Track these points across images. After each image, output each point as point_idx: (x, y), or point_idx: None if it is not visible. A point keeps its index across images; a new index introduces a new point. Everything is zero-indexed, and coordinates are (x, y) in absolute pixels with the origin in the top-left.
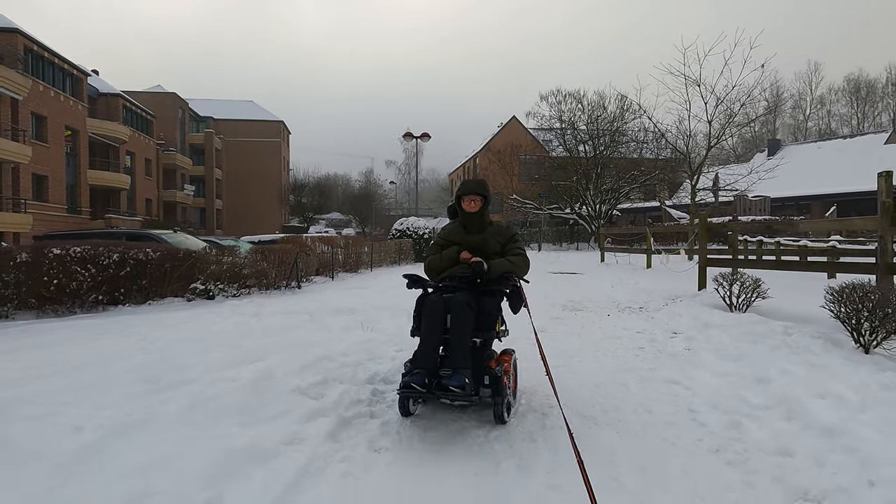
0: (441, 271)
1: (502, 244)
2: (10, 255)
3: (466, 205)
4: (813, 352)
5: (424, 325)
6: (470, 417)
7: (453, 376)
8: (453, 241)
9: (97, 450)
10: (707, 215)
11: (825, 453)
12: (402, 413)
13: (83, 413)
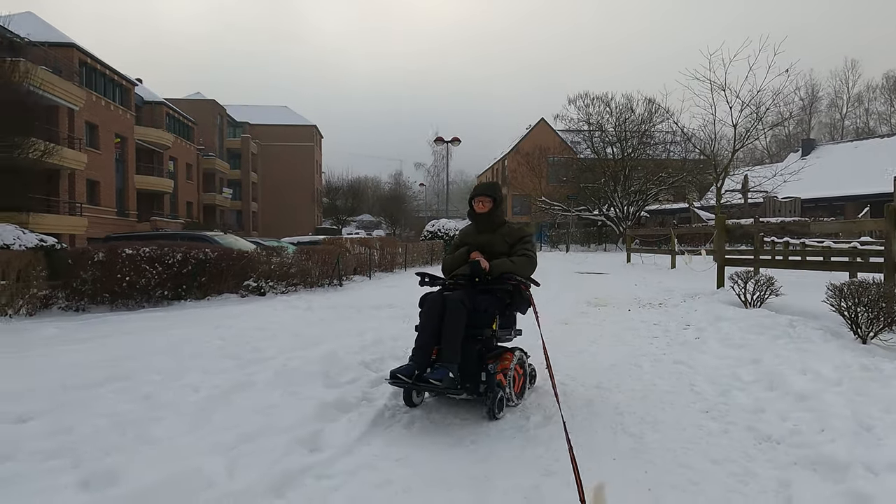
0: (451, 270)
1: (511, 245)
2: (89, 255)
3: (477, 206)
4: (811, 341)
5: (421, 321)
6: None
7: (437, 370)
8: (466, 242)
9: (219, 400)
10: (725, 217)
11: (791, 412)
12: (406, 403)
13: (195, 379)
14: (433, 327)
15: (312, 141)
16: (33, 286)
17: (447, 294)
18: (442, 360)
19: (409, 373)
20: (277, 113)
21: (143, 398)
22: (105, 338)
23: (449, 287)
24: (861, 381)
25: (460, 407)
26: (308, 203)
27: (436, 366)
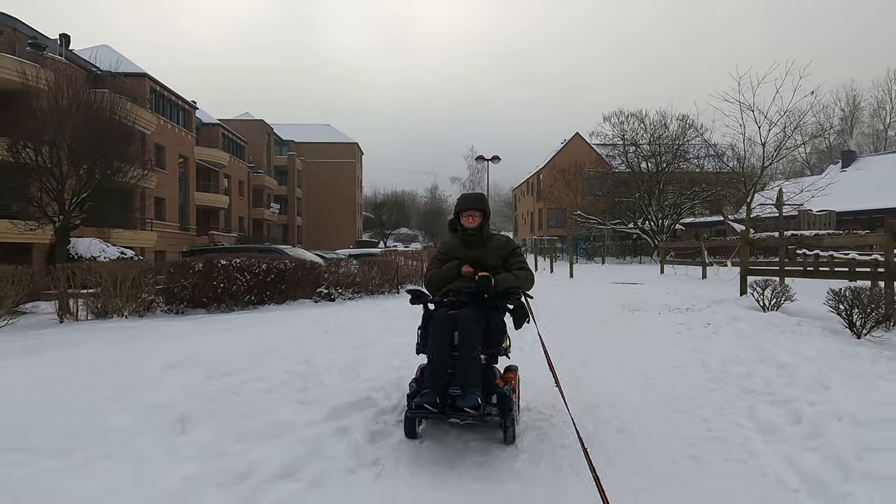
0: (441, 286)
1: (504, 258)
2: (189, 266)
3: (465, 220)
4: (810, 335)
5: (432, 342)
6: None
7: (466, 396)
8: (454, 256)
9: (354, 365)
10: (748, 232)
11: (771, 377)
12: (407, 435)
13: (327, 354)
14: (447, 349)
15: (354, 157)
16: (144, 291)
17: (457, 313)
18: (461, 385)
19: (433, 401)
20: (321, 131)
21: (304, 362)
22: (235, 330)
23: (447, 305)
24: (834, 359)
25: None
26: (349, 217)
27: (454, 391)
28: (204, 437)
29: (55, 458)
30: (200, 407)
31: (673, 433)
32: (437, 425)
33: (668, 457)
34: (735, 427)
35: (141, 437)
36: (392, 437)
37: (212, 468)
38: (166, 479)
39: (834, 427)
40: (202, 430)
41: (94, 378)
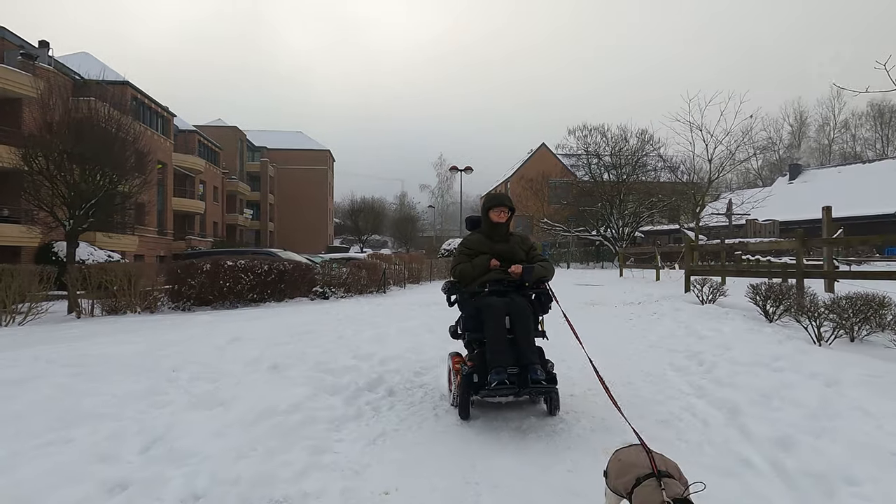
0: (474, 279)
1: (526, 251)
2: (197, 267)
3: (496, 216)
4: (732, 319)
5: (493, 327)
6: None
7: (535, 370)
8: (481, 251)
9: (380, 337)
10: (691, 238)
11: (693, 343)
12: (462, 416)
13: (353, 332)
14: (504, 331)
15: (326, 164)
16: (155, 290)
17: (509, 300)
18: (526, 362)
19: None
20: (292, 138)
21: (338, 338)
22: (258, 319)
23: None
24: (742, 333)
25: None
26: (321, 222)
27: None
28: (300, 374)
29: (210, 383)
30: (282, 361)
31: (620, 374)
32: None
33: (616, 386)
34: (659, 369)
35: (254, 375)
36: (435, 370)
37: (320, 386)
38: (293, 392)
39: (722, 366)
40: (295, 371)
41: (183, 348)
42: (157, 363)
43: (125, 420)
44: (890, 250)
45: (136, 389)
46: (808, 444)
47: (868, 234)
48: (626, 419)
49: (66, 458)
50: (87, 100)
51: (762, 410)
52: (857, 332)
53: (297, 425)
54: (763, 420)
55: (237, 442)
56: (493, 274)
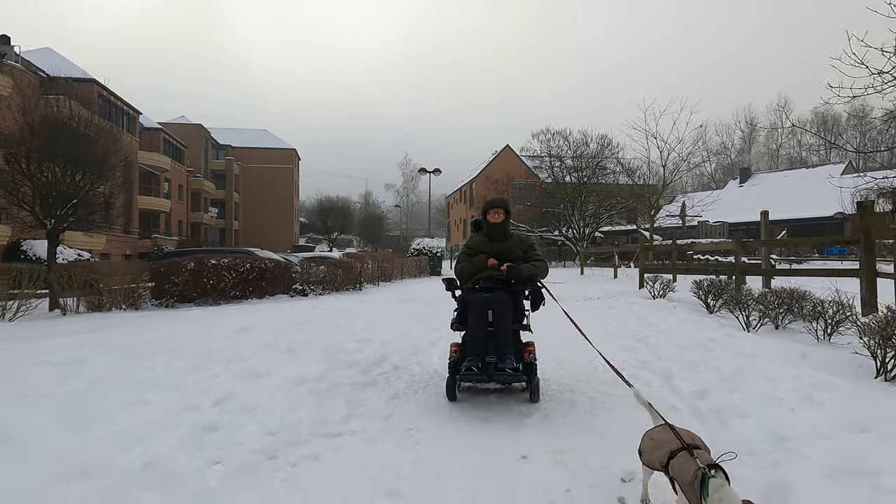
0: (472, 275)
1: (523, 251)
2: (181, 265)
3: (492, 217)
4: (677, 311)
5: (473, 319)
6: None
7: (505, 360)
8: (480, 250)
9: (375, 326)
10: (645, 240)
11: (641, 330)
12: (449, 398)
13: (351, 320)
14: (485, 324)
15: (292, 163)
16: (141, 288)
17: (491, 295)
18: (500, 353)
19: (478, 366)
20: (258, 136)
21: (334, 327)
22: (249, 314)
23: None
24: (684, 322)
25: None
26: (287, 221)
27: (488, 359)
28: (314, 355)
29: (242, 362)
30: (295, 346)
31: (583, 356)
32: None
33: (578, 362)
34: (614, 350)
35: (275, 356)
36: (428, 351)
37: (334, 363)
38: (314, 367)
39: (663, 346)
40: (309, 353)
41: (199, 336)
42: (188, 348)
43: (187, 388)
44: (829, 250)
45: (184, 366)
46: (717, 395)
47: (810, 235)
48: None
49: (154, 412)
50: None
51: (689, 375)
52: (781, 320)
53: (329, 388)
54: (689, 381)
55: (288, 399)
56: (486, 271)
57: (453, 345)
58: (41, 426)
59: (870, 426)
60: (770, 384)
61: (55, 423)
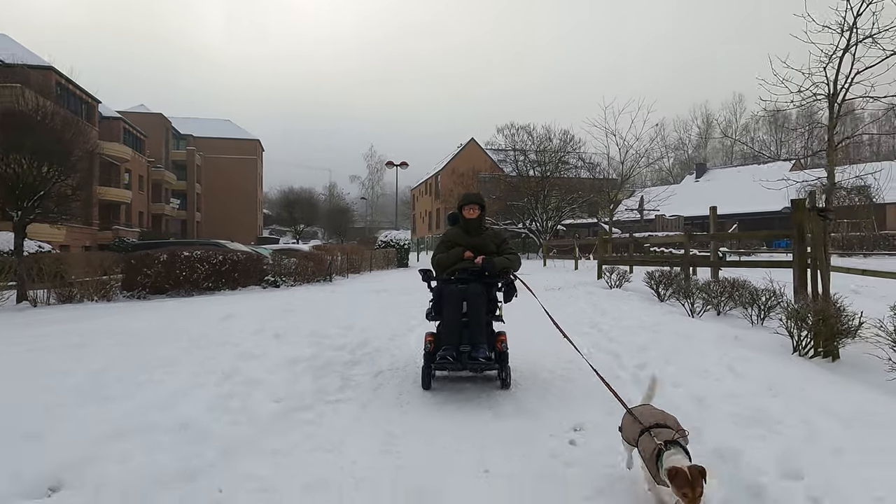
0: (448, 267)
1: (497, 245)
2: (154, 257)
3: (467, 212)
4: (631, 300)
5: (448, 310)
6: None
7: (479, 349)
8: (457, 243)
9: (357, 312)
10: (604, 233)
11: (596, 316)
12: (424, 386)
13: (329, 307)
14: (459, 314)
15: (255, 154)
16: (113, 280)
17: (465, 287)
18: (474, 342)
19: (452, 355)
20: (220, 126)
21: (316, 316)
22: (229, 304)
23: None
24: (637, 309)
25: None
26: (250, 213)
27: (463, 348)
28: (302, 340)
29: (236, 346)
30: (282, 332)
31: (544, 340)
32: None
33: (543, 344)
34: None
35: (265, 341)
36: (405, 336)
37: (322, 346)
38: (305, 350)
39: (614, 329)
40: (296, 338)
41: (189, 324)
42: (181, 334)
43: (193, 367)
44: (777, 243)
45: (185, 347)
46: (656, 366)
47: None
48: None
49: (173, 385)
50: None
51: (635, 353)
52: (722, 307)
53: (322, 366)
54: (634, 357)
55: (287, 375)
56: (462, 263)
57: (428, 334)
58: (82, 398)
59: (777, 390)
60: (701, 359)
61: (89, 395)
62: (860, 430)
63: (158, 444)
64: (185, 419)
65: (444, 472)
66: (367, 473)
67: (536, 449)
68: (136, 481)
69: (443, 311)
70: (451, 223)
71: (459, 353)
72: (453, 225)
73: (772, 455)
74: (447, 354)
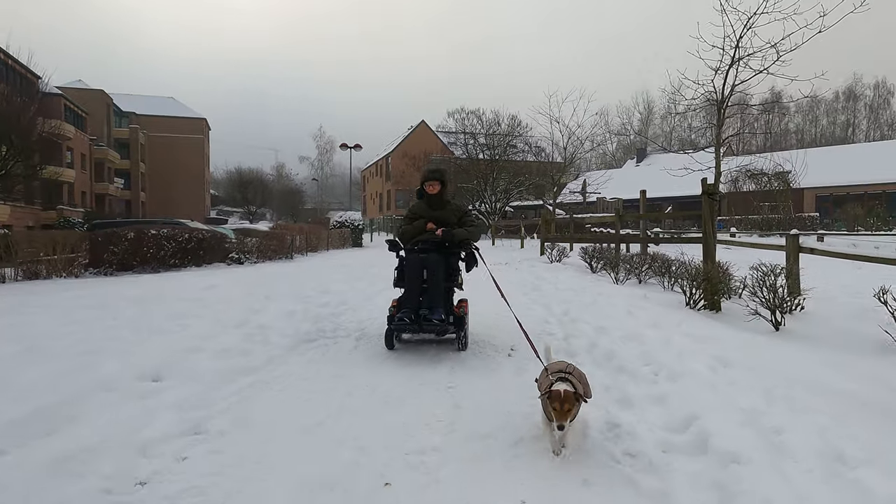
0: (412, 238)
1: (458, 217)
2: (121, 235)
3: (429, 188)
4: (568, 271)
5: (408, 277)
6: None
7: (434, 312)
8: (421, 215)
9: (324, 285)
10: (548, 214)
11: (536, 283)
12: (387, 346)
13: (306, 280)
14: (419, 281)
15: (202, 133)
16: (80, 257)
17: (425, 256)
18: (431, 306)
19: (410, 317)
20: (164, 104)
21: (293, 283)
22: (205, 277)
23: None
24: (573, 278)
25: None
26: (197, 193)
27: (423, 311)
28: (290, 300)
29: (233, 304)
30: (270, 294)
31: (493, 303)
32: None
33: (491, 307)
34: (514, 298)
35: (258, 302)
36: (377, 298)
37: (309, 304)
38: (296, 306)
39: (551, 291)
40: (285, 300)
41: (177, 292)
42: (178, 297)
43: (210, 318)
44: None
45: (192, 306)
46: (575, 313)
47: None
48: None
49: (203, 328)
50: None
51: (562, 305)
52: (643, 277)
53: (314, 316)
54: (560, 307)
55: (289, 321)
56: (425, 235)
57: (394, 300)
58: (144, 332)
59: (658, 325)
60: (611, 309)
61: (148, 330)
62: (702, 344)
63: (216, 356)
64: (226, 346)
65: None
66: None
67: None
68: (209, 376)
69: (405, 277)
70: (419, 197)
71: (417, 315)
72: (420, 199)
73: (636, 354)
74: (405, 316)
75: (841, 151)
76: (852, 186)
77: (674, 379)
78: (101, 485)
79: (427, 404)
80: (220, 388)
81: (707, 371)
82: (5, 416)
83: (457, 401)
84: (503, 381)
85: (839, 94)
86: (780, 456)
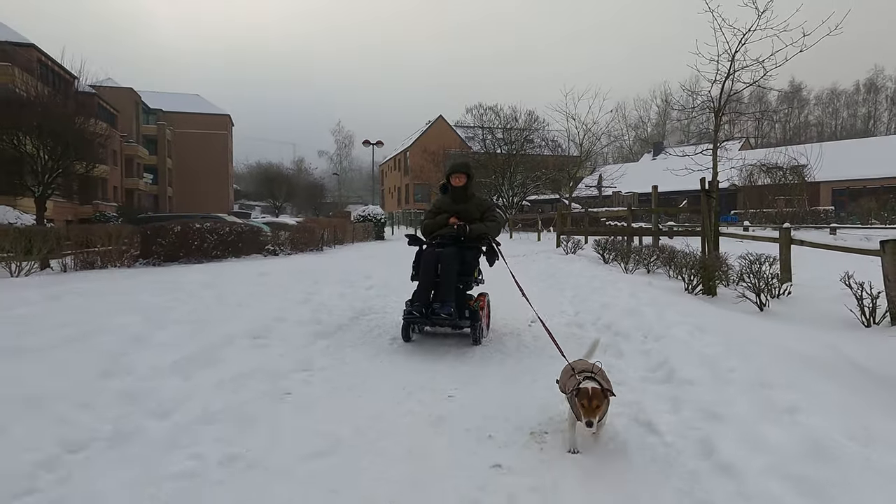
0: (433, 232)
1: (482, 212)
2: (168, 228)
3: (454, 180)
4: (582, 262)
5: (421, 271)
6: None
7: (443, 307)
8: (444, 210)
9: (363, 271)
10: (563, 208)
11: (553, 272)
12: (404, 338)
13: (343, 269)
14: (432, 275)
15: (226, 129)
16: (133, 249)
17: (441, 250)
18: (442, 300)
19: (421, 311)
20: (190, 101)
21: (337, 271)
22: (251, 266)
23: (435, 245)
24: (585, 268)
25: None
26: (221, 188)
27: (435, 305)
28: (338, 283)
29: (287, 289)
30: (320, 278)
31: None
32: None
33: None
34: (533, 285)
35: (310, 286)
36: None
37: (356, 286)
38: (343, 288)
39: (566, 280)
40: (332, 282)
41: (234, 278)
42: (239, 283)
43: (277, 297)
44: (723, 217)
45: (256, 290)
46: (584, 295)
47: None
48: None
49: (275, 304)
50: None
51: (576, 290)
52: (651, 267)
53: (364, 295)
54: (572, 291)
55: (343, 300)
56: (445, 229)
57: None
58: (234, 307)
59: (656, 304)
60: (616, 292)
61: (236, 304)
62: (688, 318)
63: (297, 324)
64: (300, 318)
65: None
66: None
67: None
68: (297, 337)
69: (419, 272)
70: (443, 192)
71: (428, 308)
72: (444, 193)
73: (635, 325)
74: (414, 310)
75: (858, 145)
76: (869, 180)
77: (658, 339)
78: (260, 393)
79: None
80: (308, 345)
81: (686, 335)
82: (170, 357)
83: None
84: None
85: (860, 85)
86: (722, 383)
